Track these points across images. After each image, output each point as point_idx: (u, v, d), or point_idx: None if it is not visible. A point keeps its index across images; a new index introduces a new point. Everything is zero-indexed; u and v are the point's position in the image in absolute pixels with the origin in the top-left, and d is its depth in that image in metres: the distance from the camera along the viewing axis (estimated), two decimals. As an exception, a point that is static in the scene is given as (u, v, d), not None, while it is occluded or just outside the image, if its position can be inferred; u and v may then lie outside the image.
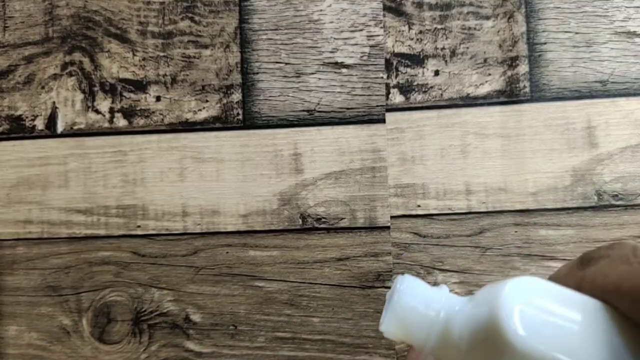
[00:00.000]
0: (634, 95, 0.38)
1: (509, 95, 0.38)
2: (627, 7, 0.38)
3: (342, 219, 0.39)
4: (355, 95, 0.39)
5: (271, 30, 0.40)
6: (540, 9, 0.38)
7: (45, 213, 0.40)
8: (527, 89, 0.38)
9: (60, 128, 0.41)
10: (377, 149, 0.39)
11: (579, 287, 0.20)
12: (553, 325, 0.19)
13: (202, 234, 0.39)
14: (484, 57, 0.39)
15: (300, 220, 0.39)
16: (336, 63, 0.39)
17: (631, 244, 0.19)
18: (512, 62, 0.38)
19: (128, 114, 0.40)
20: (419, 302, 0.21)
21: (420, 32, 0.39)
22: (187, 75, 0.40)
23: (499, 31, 0.39)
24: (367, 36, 0.39)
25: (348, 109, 0.39)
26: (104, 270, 0.40)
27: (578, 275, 0.20)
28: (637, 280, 0.18)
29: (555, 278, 0.21)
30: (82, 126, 0.40)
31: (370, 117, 0.39)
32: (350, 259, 0.38)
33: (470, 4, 0.39)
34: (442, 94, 0.39)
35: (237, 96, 0.40)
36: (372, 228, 0.38)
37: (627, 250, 0.19)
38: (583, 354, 0.18)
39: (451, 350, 0.21)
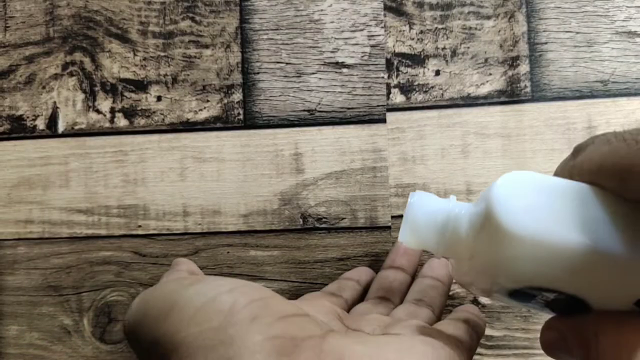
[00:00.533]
0: (635, 95, 0.37)
1: (509, 95, 0.38)
2: (628, 6, 0.38)
3: (342, 218, 0.39)
4: (356, 95, 0.39)
5: (272, 30, 0.40)
6: (541, 8, 0.38)
7: (46, 213, 0.40)
8: (528, 89, 0.38)
9: (61, 128, 0.41)
10: (377, 148, 0.39)
11: (571, 176, 0.21)
12: (544, 206, 0.20)
13: (202, 234, 0.39)
14: (485, 57, 0.38)
15: (301, 220, 0.39)
16: (337, 63, 0.39)
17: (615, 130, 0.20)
18: (513, 62, 0.38)
19: (129, 114, 0.40)
20: (429, 211, 0.23)
21: (421, 32, 0.39)
22: (188, 75, 0.40)
23: (499, 31, 0.38)
24: (368, 36, 0.39)
25: (349, 108, 0.39)
26: (105, 270, 0.40)
27: (569, 164, 0.21)
28: (617, 157, 0.19)
29: (554, 173, 0.22)
30: (83, 126, 0.40)
31: (371, 117, 0.39)
32: (351, 258, 0.38)
33: (471, 4, 0.39)
34: (442, 94, 0.39)
35: (237, 96, 0.40)
36: (373, 228, 0.38)
37: (609, 134, 0.20)
38: (573, 229, 0.20)
39: (461, 248, 0.23)
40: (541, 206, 0.20)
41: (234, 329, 0.21)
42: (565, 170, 0.22)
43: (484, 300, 0.37)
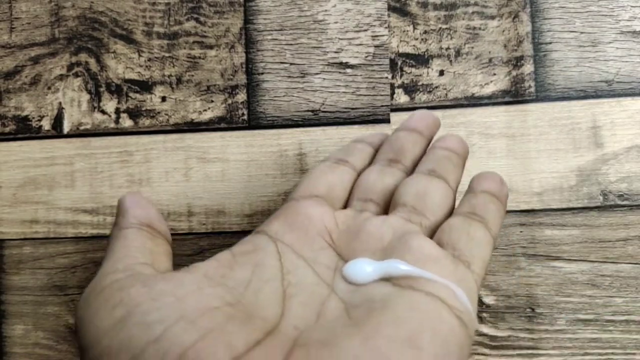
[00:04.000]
0: (640, 94, 0.37)
1: (514, 95, 0.38)
2: (632, 6, 0.38)
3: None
4: (360, 95, 0.39)
5: (276, 30, 0.40)
6: (545, 8, 0.38)
7: (52, 213, 0.40)
8: (533, 89, 0.38)
9: (66, 128, 0.41)
10: (381, 149, 0.39)
11: None
12: None
13: (207, 234, 0.39)
14: (489, 57, 0.38)
15: (305, 220, 0.39)
16: (341, 63, 0.39)
17: None
18: (517, 61, 0.38)
19: (134, 114, 0.40)
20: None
21: (425, 32, 0.39)
22: (193, 75, 0.40)
23: (503, 31, 0.38)
24: (372, 36, 0.39)
25: (353, 109, 0.39)
26: (110, 269, 0.40)
27: None
28: None
29: None
30: (88, 126, 0.41)
31: (375, 117, 0.39)
32: (355, 258, 0.38)
33: (475, 4, 0.39)
34: (447, 94, 0.39)
35: (242, 96, 0.40)
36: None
37: None
38: None
39: None
40: None
41: None
42: None
43: (487, 300, 0.37)
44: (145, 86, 0.40)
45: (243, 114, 0.40)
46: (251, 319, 0.22)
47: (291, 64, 0.40)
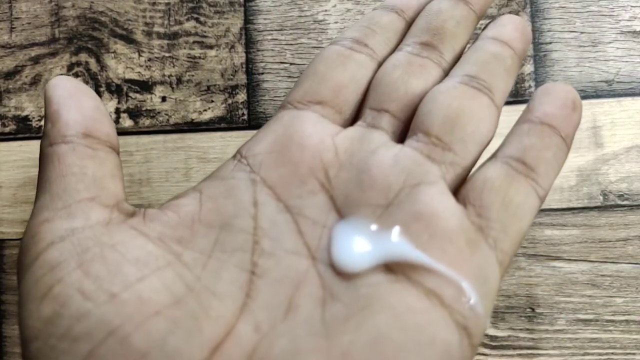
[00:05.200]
0: (640, 94, 0.37)
1: (514, 95, 0.38)
2: (632, 6, 0.38)
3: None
4: (360, 95, 0.39)
5: (276, 30, 0.40)
6: (545, 8, 0.38)
7: (52, 213, 0.40)
8: (533, 89, 0.38)
9: (66, 128, 0.41)
10: (381, 149, 0.39)
11: None
12: None
13: (207, 234, 0.39)
14: (489, 57, 0.38)
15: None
16: (341, 63, 0.39)
17: None
18: (517, 61, 0.38)
19: (134, 114, 0.40)
20: None
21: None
22: (193, 75, 0.40)
23: (504, 31, 0.38)
24: (372, 36, 0.39)
25: (353, 109, 0.39)
26: (110, 269, 0.40)
27: None
28: None
29: None
30: (88, 126, 0.41)
31: (375, 117, 0.39)
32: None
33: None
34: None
35: (242, 96, 0.40)
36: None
37: None
38: None
39: None
40: None
41: None
42: None
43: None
44: (145, 86, 0.40)
45: (243, 114, 0.40)
46: (199, 326, 0.17)
47: (291, 64, 0.40)
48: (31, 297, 0.18)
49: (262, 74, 0.40)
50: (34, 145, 0.41)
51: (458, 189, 0.20)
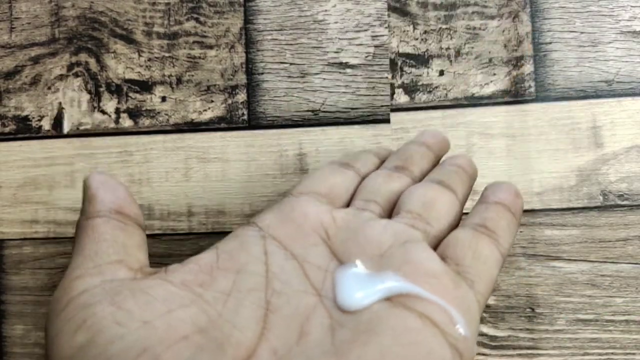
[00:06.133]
0: (640, 94, 0.37)
1: (514, 95, 0.38)
2: (632, 6, 0.38)
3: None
4: (360, 95, 0.39)
5: (276, 30, 0.40)
6: (546, 8, 0.38)
7: (52, 213, 0.40)
8: (532, 89, 0.38)
9: (66, 128, 0.41)
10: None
11: None
12: None
13: (207, 234, 0.39)
14: (489, 56, 0.38)
15: (305, 220, 0.39)
16: (341, 63, 0.39)
17: None
18: (517, 61, 0.38)
19: (134, 114, 0.40)
20: None
21: (425, 32, 0.39)
22: (193, 75, 0.40)
23: (503, 31, 0.38)
24: (372, 36, 0.39)
25: (353, 109, 0.39)
26: (110, 269, 0.40)
27: None
28: None
29: None
30: (89, 126, 0.41)
31: (375, 117, 0.39)
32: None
33: (475, 4, 0.39)
34: (447, 94, 0.39)
35: (242, 96, 0.40)
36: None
37: None
38: None
39: None
40: None
41: None
42: None
43: (488, 300, 0.37)
44: (145, 86, 0.40)
45: (243, 114, 0.40)
46: (223, 350, 0.20)
47: (291, 64, 0.40)
48: (63, 333, 0.20)
49: (262, 74, 0.40)
50: (34, 145, 0.41)
51: (435, 249, 0.25)
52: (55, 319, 0.21)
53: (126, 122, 0.40)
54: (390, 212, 0.27)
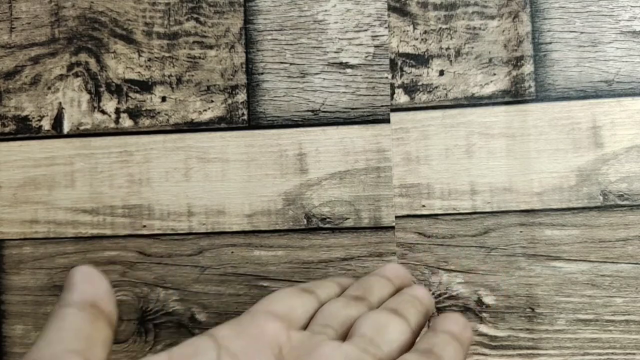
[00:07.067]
0: (640, 94, 0.37)
1: (514, 95, 0.38)
2: (632, 6, 0.38)
3: (346, 218, 0.39)
4: (360, 95, 0.39)
5: (276, 30, 0.40)
6: (545, 8, 0.38)
7: (52, 213, 0.40)
8: (532, 89, 0.38)
9: (66, 128, 0.41)
10: (381, 149, 0.39)
11: None
12: None
13: (207, 234, 0.39)
14: (489, 57, 0.38)
15: (305, 220, 0.39)
16: (341, 63, 0.39)
17: None
18: (517, 61, 0.38)
19: (134, 114, 0.40)
20: None
21: (425, 32, 0.39)
22: (193, 75, 0.40)
23: (504, 31, 0.38)
24: (372, 36, 0.39)
25: (353, 109, 0.39)
26: (110, 269, 0.40)
27: None
28: None
29: None
30: (88, 126, 0.41)
31: (375, 117, 0.39)
32: (354, 258, 0.38)
33: (475, 4, 0.39)
34: (447, 94, 0.39)
35: (242, 96, 0.40)
36: (377, 228, 0.38)
37: None
38: None
39: None
40: None
41: None
42: None
43: (487, 300, 0.37)
44: (145, 86, 0.40)
45: (243, 114, 0.40)
46: None
47: (291, 64, 0.40)
48: None
49: (262, 74, 0.40)
50: (34, 145, 0.41)
51: None
52: None
53: (126, 122, 0.40)
54: (346, 335, 0.29)
